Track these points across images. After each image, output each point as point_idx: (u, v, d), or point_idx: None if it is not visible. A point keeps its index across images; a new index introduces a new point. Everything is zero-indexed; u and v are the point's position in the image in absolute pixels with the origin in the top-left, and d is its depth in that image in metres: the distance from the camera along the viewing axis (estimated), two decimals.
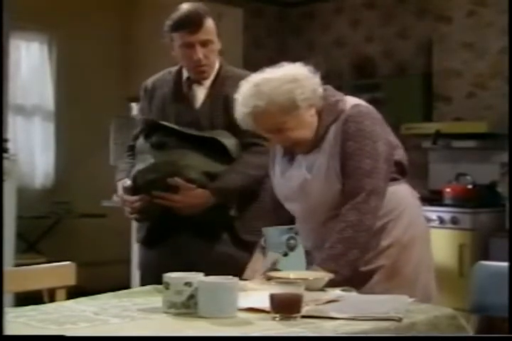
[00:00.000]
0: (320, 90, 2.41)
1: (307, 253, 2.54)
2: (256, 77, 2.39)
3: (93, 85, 7.37)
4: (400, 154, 2.52)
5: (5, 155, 5.07)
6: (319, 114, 2.44)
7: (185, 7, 2.86)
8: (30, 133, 7.29)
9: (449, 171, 5.78)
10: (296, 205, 2.51)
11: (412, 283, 2.40)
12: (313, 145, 2.44)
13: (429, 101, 6.26)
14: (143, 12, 7.82)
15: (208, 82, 2.92)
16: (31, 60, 7.30)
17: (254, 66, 2.93)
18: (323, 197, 2.41)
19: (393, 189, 2.46)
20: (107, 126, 7.02)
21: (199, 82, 2.93)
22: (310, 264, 2.45)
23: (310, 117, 2.41)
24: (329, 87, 2.49)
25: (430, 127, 5.79)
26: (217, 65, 2.93)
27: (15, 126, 7.00)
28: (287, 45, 7.32)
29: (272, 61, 2.49)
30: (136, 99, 6.71)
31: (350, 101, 2.48)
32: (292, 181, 2.48)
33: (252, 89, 2.35)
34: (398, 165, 2.50)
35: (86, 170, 7.21)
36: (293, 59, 2.46)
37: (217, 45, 2.87)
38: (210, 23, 2.83)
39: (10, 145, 5.44)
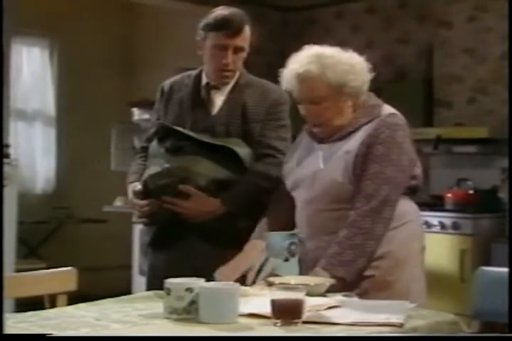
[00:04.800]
0: (367, 86, 2.49)
1: (300, 242, 2.53)
2: (321, 49, 2.48)
3: (94, 90, 7.39)
4: (417, 172, 2.53)
5: (6, 160, 5.07)
6: (354, 110, 2.49)
7: (226, 9, 2.84)
8: (31, 138, 7.31)
9: (450, 176, 5.78)
10: (301, 192, 2.52)
11: (402, 298, 2.35)
12: (338, 138, 2.48)
13: (429, 106, 6.26)
14: (144, 18, 7.83)
15: (226, 89, 2.90)
16: (32, 65, 7.32)
17: (254, 71, 2.94)
18: (328, 189, 2.43)
19: (401, 202, 2.45)
20: (109, 131, 7.04)
21: (217, 88, 2.91)
22: (304, 254, 2.46)
23: (347, 108, 2.47)
24: (371, 93, 2.55)
25: (431, 132, 5.78)
26: (237, 73, 2.91)
27: (16, 131, 7.01)
28: (288, 51, 7.31)
29: (273, 66, 2.49)
30: (137, 104, 6.76)
31: (389, 109, 2.53)
32: (306, 169, 2.51)
33: (313, 56, 2.43)
34: (412, 180, 2.50)
35: (87, 176, 7.22)
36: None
37: (245, 54, 2.86)
38: (247, 30, 2.83)
39: (11, 150, 5.45)
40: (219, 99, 2.91)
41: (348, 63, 2.44)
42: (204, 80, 2.93)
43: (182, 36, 6.74)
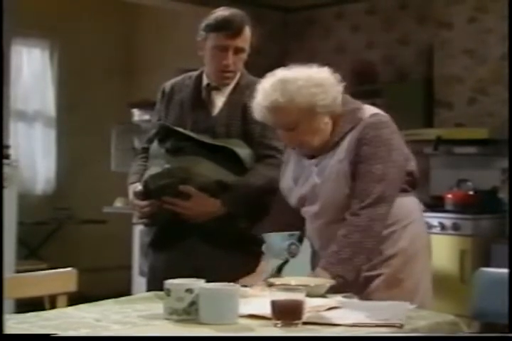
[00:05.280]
0: (340, 99, 2.42)
1: (313, 254, 2.55)
2: (283, 73, 2.40)
3: (94, 91, 7.39)
4: (413, 166, 2.53)
5: (6, 161, 5.07)
6: (336, 120, 2.45)
7: (227, 10, 2.84)
8: (31, 139, 7.31)
9: (450, 177, 5.77)
10: (307, 208, 2.53)
11: (411, 295, 2.38)
12: (327, 150, 2.46)
13: (430, 107, 6.25)
14: (145, 19, 7.84)
15: (227, 90, 2.91)
16: (33, 66, 7.33)
17: (255, 72, 2.94)
18: (331, 200, 2.43)
19: (404, 200, 2.48)
20: (109, 132, 7.04)
21: (218, 89, 2.91)
22: (315, 265, 2.47)
23: (323, 124, 2.43)
24: (346, 96, 2.49)
25: (431, 133, 5.78)
26: (238, 74, 2.91)
27: (16, 132, 7.01)
28: (288, 51, 7.32)
29: (273, 67, 2.49)
30: (137, 105, 6.76)
31: (369, 110, 2.50)
32: (304, 187, 2.50)
33: (277, 84, 2.36)
34: (409, 176, 2.51)
35: (87, 176, 7.22)
36: (294, 65, 2.46)
37: (246, 55, 2.86)
38: (248, 31, 2.83)
39: (11, 151, 5.45)
40: (220, 100, 2.91)
41: (315, 83, 2.36)
42: (205, 81, 2.93)
43: (182, 37, 6.74)
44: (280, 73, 2.40)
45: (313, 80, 2.37)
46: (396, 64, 6.71)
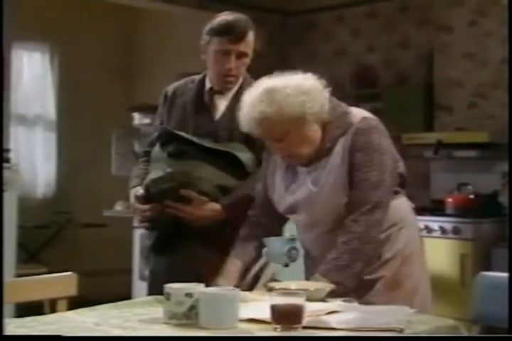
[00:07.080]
0: (327, 105, 2.38)
1: (307, 257, 2.55)
2: (269, 83, 2.35)
3: (95, 95, 7.39)
4: (401, 167, 2.53)
5: (6, 165, 5.07)
6: (325, 127, 2.42)
7: (231, 15, 2.84)
8: (31, 143, 7.31)
9: (450, 181, 5.77)
10: (299, 216, 2.50)
11: (411, 296, 2.40)
12: (319, 157, 2.44)
13: (430, 111, 6.25)
14: (145, 23, 7.85)
15: (230, 94, 2.90)
16: (33, 70, 7.34)
17: (254, 75, 2.94)
18: (328, 209, 2.41)
19: (397, 202, 2.49)
20: (109, 135, 7.05)
21: (221, 93, 2.91)
22: (310, 267, 2.49)
23: (312, 132, 2.39)
24: (333, 98, 2.45)
25: (431, 137, 5.78)
26: (240, 78, 2.92)
27: (17, 135, 7.01)
28: (288, 55, 7.32)
29: (273, 70, 2.48)
30: (137, 109, 6.77)
31: (357, 113, 2.47)
32: (297, 194, 2.48)
33: (263, 95, 2.31)
34: (400, 177, 2.52)
35: (87, 180, 7.22)
36: (294, 68, 2.44)
37: (249, 60, 2.86)
38: (251, 36, 2.83)
39: (11, 155, 5.44)
40: (222, 104, 2.91)
41: (302, 91, 2.32)
42: (207, 85, 2.93)
43: (182, 41, 6.76)
44: (266, 83, 2.36)
45: (301, 88, 2.32)
46: (396, 67, 6.71)
